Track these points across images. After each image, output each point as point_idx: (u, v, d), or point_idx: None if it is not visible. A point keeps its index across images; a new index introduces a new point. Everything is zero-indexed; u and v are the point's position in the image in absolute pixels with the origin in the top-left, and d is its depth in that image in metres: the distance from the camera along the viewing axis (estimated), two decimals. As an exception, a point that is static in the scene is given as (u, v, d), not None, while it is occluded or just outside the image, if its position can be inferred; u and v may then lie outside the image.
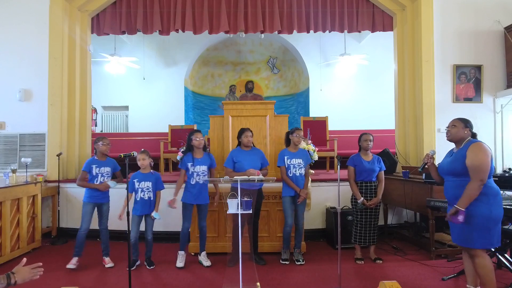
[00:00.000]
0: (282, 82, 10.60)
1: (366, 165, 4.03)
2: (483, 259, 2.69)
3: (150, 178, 4.01)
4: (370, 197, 4.04)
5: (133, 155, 3.41)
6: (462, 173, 2.70)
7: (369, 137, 4.08)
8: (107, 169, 4.03)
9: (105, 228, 4.08)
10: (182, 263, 3.97)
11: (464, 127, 2.83)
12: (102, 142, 4.01)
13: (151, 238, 4.04)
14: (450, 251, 4.16)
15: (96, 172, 3.98)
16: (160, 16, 5.61)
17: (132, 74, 9.07)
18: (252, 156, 4.04)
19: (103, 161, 4.04)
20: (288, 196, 4.04)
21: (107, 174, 4.03)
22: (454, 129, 2.86)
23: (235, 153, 4.07)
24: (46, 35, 5.38)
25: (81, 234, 3.93)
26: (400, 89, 5.78)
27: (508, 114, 5.64)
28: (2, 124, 5.45)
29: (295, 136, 4.09)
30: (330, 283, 3.45)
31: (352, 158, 4.11)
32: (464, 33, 5.54)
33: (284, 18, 5.66)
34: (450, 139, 2.91)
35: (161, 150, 6.60)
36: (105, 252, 4.08)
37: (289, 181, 4.02)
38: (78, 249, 3.95)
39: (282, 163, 4.07)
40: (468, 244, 2.71)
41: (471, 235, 2.67)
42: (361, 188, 4.06)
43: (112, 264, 4.03)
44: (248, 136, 4.04)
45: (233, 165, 4.01)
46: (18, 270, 1.84)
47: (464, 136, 2.82)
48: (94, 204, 3.99)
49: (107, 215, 4.10)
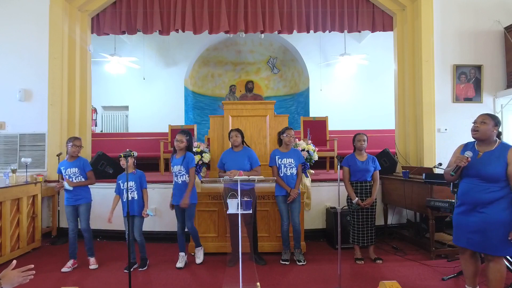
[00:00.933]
0: (282, 82, 10.60)
1: (360, 165, 4.05)
2: (500, 265, 2.64)
3: (133, 177, 3.93)
4: (365, 197, 4.05)
5: (133, 154, 3.40)
6: (497, 179, 2.58)
7: (363, 137, 4.10)
8: (73, 170, 3.96)
9: (85, 230, 3.97)
10: (182, 264, 3.97)
11: (494, 125, 2.66)
12: (72, 144, 3.95)
13: (140, 239, 3.93)
14: (450, 251, 4.16)
15: (65, 173, 3.96)
16: (160, 16, 5.61)
17: (132, 74, 9.07)
18: (240, 157, 4.04)
19: (70, 162, 3.99)
20: (280, 195, 4.08)
21: (74, 175, 3.95)
22: (484, 126, 2.66)
23: (224, 154, 4.15)
24: (46, 35, 5.38)
25: (69, 236, 3.95)
26: (400, 89, 5.78)
27: (508, 114, 5.64)
28: (2, 124, 5.45)
29: (286, 136, 4.11)
30: (330, 283, 3.45)
31: (346, 159, 4.13)
32: (464, 33, 5.54)
33: (284, 18, 5.65)
34: (478, 137, 2.70)
35: (161, 150, 6.60)
36: (89, 253, 4.02)
37: (280, 180, 4.05)
38: (70, 250, 3.95)
39: (273, 163, 4.11)
40: (493, 251, 2.60)
41: (499, 242, 2.56)
42: (356, 188, 4.08)
43: (96, 265, 3.98)
44: (233, 136, 4.06)
45: (223, 166, 4.06)
46: (5, 274, 1.74)
47: (492, 135, 2.66)
48: (72, 206, 3.95)
49: (86, 216, 3.99)
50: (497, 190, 2.59)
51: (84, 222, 3.98)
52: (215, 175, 4.52)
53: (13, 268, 1.77)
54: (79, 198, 3.97)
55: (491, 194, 2.59)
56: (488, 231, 2.59)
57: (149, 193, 4.17)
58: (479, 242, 2.64)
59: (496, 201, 2.59)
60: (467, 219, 2.70)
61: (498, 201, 2.59)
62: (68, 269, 3.86)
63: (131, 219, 3.83)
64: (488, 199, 2.59)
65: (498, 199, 2.59)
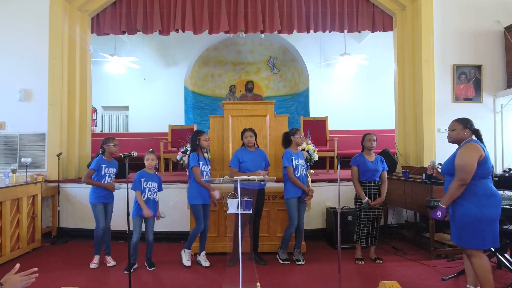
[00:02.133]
0: (282, 82, 10.60)
1: (369, 165, 4.02)
2: (479, 259, 2.69)
3: (156, 179, 4.01)
4: (374, 197, 4.04)
5: (133, 155, 3.40)
6: (451, 173, 2.77)
7: (373, 137, 4.08)
8: (113, 170, 4.09)
9: (108, 228, 4.09)
10: (190, 262, 4.00)
11: (463, 128, 2.83)
12: (113, 144, 4.05)
13: (152, 238, 4.02)
14: (450, 251, 4.16)
15: (105, 172, 4.00)
16: (160, 16, 5.61)
17: (132, 74, 9.08)
18: (256, 156, 4.07)
19: (110, 161, 4.08)
20: (295, 197, 4.01)
21: (113, 175, 4.08)
22: (453, 132, 2.89)
23: (240, 153, 4.07)
24: (46, 35, 5.38)
25: (99, 233, 3.99)
26: (400, 89, 5.78)
27: (508, 114, 5.64)
28: (2, 124, 5.45)
29: (298, 137, 4.08)
30: (330, 283, 3.45)
31: (355, 158, 4.10)
32: (464, 33, 5.54)
33: (284, 18, 5.66)
34: (451, 142, 2.94)
35: (161, 150, 6.60)
36: (107, 251, 4.10)
37: (299, 181, 3.99)
38: (97, 247, 4.02)
39: (290, 164, 3.99)
40: (462, 243, 2.76)
41: (464, 235, 2.71)
42: (365, 188, 4.05)
43: (114, 263, 4.05)
44: (247, 136, 4.05)
45: (239, 165, 4.01)
46: (8, 279, 1.71)
47: (464, 137, 2.83)
48: (103, 204, 4.00)
49: (111, 214, 4.12)
50: None
51: (110, 220, 4.10)
52: (215, 175, 4.51)
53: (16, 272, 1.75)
54: (111, 196, 4.09)
55: None
56: (457, 224, 2.75)
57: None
58: (455, 236, 2.80)
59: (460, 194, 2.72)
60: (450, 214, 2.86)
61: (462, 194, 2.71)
62: (96, 265, 3.96)
63: (148, 220, 3.95)
64: None
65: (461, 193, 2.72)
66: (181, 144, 6.11)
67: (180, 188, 5.04)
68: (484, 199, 2.65)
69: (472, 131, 2.84)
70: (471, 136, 2.83)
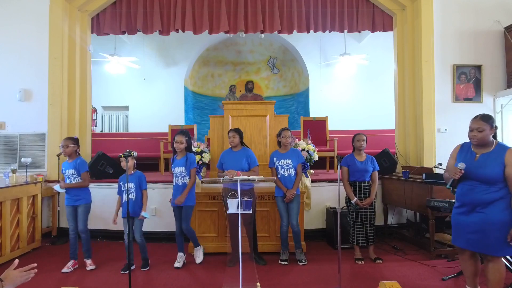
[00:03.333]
0: (282, 82, 10.60)
1: (359, 165, 4.06)
2: (499, 266, 2.64)
3: (131, 178, 3.91)
4: (364, 197, 4.05)
5: (133, 154, 3.40)
6: (496, 181, 2.57)
7: (362, 137, 4.11)
8: (71, 171, 3.95)
9: (82, 231, 3.93)
10: (179, 264, 3.98)
11: (490, 128, 2.64)
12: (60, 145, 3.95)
13: (140, 240, 3.91)
14: (450, 251, 4.15)
15: (65, 174, 3.98)
16: (160, 16, 5.61)
17: (132, 74, 9.07)
18: (238, 157, 4.02)
19: (69, 162, 3.98)
20: (279, 196, 4.10)
21: (72, 176, 3.94)
22: (482, 133, 2.63)
23: (223, 154, 4.16)
24: (46, 35, 5.37)
25: (70, 236, 3.94)
26: (400, 89, 5.78)
27: (508, 114, 5.64)
28: (2, 124, 5.45)
29: (282, 137, 4.13)
30: (330, 283, 3.45)
31: (345, 159, 4.14)
32: (464, 33, 5.54)
33: (284, 18, 5.65)
34: (478, 144, 2.68)
35: (161, 150, 6.60)
36: (86, 254, 3.99)
37: (278, 181, 4.07)
38: (71, 250, 3.95)
39: (272, 165, 4.17)
40: (492, 251, 2.60)
41: (498, 242, 2.56)
42: (355, 188, 4.08)
43: (93, 266, 3.96)
44: (230, 137, 4.07)
45: (222, 166, 4.07)
46: (7, 275, 1.71)
47: (490, 138, 2.65)
48: (71, 207, 3.94)
49: (83, 217, 3.94)
50: (496, 191, 2.59)
51: (81, 223, 3.92)
52: (215, 175, 4.52)
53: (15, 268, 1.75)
54: (78, 198, 3.93)
55: (490, 195, 2.60)
56: (487, 232, 2.59)
57: (149, 193, 4.17)
58: (478, 243, 2.64)
59: (495, 201, 2.59)
60: (467, 219, 2.70)
61: (497, 202, 2.59)
62: (68, 269, 3.86)
63: (131, 220, 3.82)
64: (487, 200, 2.60)
65: (497, 200, 2.59)
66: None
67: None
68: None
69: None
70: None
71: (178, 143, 3.94)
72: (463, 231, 2.73)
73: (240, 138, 4.08)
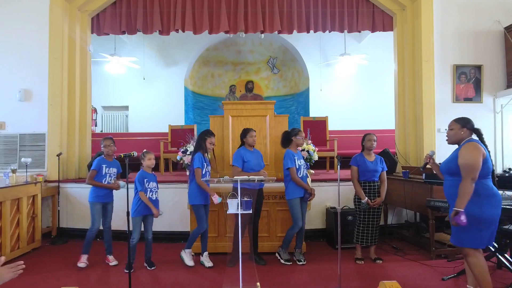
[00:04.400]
0: (282, 82, 10.60)
1: (369, 165, 4.03)
2: (476, 259, 2.68)
3: (154, 178, 4.03)
4: (373, 197, 4.04)
5: (133, 155, 3.40)
6: (457, 173, 2.70)
7: (373, 137, 4.08)
8: (114, 170, 4.09)
9: (109, 227, 4.10)
10: (192, 261, 4.00)
11: (460, 127, 2.82)
12: (103, 145, 4.04)
13: (151, 237, 4.02)
14: (450, 251, 4.16)
15: (106, 172, 4.01)
16: (160, 16, 5.61)
17: (132, 74, 9.07)
18: (258, 156, 4.12)
19: (110, 161, 4.09)
20: (298, 197, 4.02)
21: (114, 175, 4.08)
22: (451, 132, 2.88)
23: (243, 152, 4.04)
24: (46, 35, 5.37)
25: (92, 233, 3.98)
26: (400, 89, 5.78)
27: (508, 114, 5.64)
28: (2, 124, 5.45)
29: (300, 138, 4.10)
30: (330, 283, 3.45)
31: (355, 158, 4.11)
32: (464, 33, 5.54)
33: (284, 18, 5.66)
34: (450, 142, 2.93)
35: (161, 150, 6.60)
36: (109, 250, 4.11)
37: (302, 182, 4.01)
38: (87, 247, 4.00)
39: (292, 164, 4.00)
40: (459, 243, 2.73)
41: (462, 234, 2.68)
42: (364, 188, 4.06)
43: (116, 262, 4.06)
44: (253, 136, 4.08)
45: (243, 164, 3.99)
46: None
47: (463, 136, 2.81)
48: (101, 204, 4.01)
49: (111, 214, 4.12)
50: (457, 184, 2.67)
51: (110, 219, 4.11)
52: (215, 175, 4.51)
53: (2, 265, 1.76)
54: (111, 195, 4.10)
55: (453, 188, 2.72)
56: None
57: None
58: (453, 236, 2.77)
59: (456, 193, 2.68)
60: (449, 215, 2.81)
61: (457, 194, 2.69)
62: (85, 264, 3.94)
63: (147, 219, 3.96)
64: (452, 192, 2.72)
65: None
66: (181, 144, 6.11)
67: (180, 188, 5.04)
68: (486, 199, 2.63)
69: (472, 130, 2.82)
70: (470, 135, 2.81)
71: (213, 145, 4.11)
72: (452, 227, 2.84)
73: None
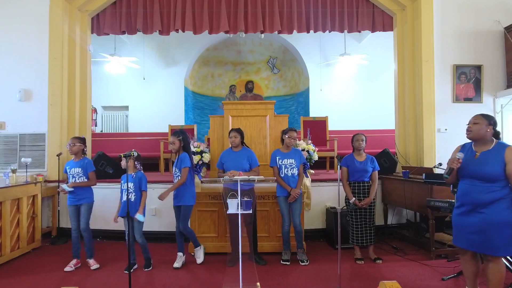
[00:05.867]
0: (282, 82, 10.60)
1: (358, 166, 4.06)
2: (500, 266, 2.64)
3: (131, 179, 3.89)
4: (363, 197, 4.06)
5: (133, 154, 3.40)
6: (496, 179, 2.57)
7: (361, 137, 4.11)
8: (77, 170, 3.97)
9: (85, 230, 3.95)
10: (179, 264, 3.96)
11: (487, 124, 2.66)
12: (68, 143, 3.99)
13: (141, 241, 3.90)
14: (450, 251, 4.15)
15: (70, 173, 3.99)
16: (160, 16, 5.61)
17: (132, 74, 9.07)
18: (239, 157, 4.03)
19: (75, 162, 4.01)
20: (282, 196, 4.07)
21: (77, 175, 3.96)
22: (476, 126, 2.69)
23: (223, 154, 4.14)
24: (46, 35, 5.37)
25: (72, 235, 3.96)
26: (400, 89, 5.78)
27: (508, 114, 5.64)
28: (2, 124, 5.45)
29: (287, 138, 4.11)
30: (330, 283, 3.45)
31: (345, 159, 4.15)
32: (464, 33, 5.54)
33: (284, 18, 5.65)
34: (471, 137, 2.74)
35: (161, 150, 6.60)
36: (89, 254, 4.01)
37: (281, 181, 4.05)
38: (73, 249, 3.96)
39: (274, 164, 4.12)
40: (493, 252, 2.59)
41: (498, 242, 2.56)
42: (354, 188, 4.08)
43: (97, 265, 3.97)
44: (232, 136, 4.06)
45: (222, 165, 4.05)
46: None
47: (487, 134, 2.67)
48: (74, 206, 3.96)
49: (86, 216, 3.96)
50: (497, 190, 2.59)
51: (84, 222, 3.95)
52: (215, 175, 4.51)
53: None
54: (81, 198, 3.96)
55: (491, 194, 2.59)
56: (488, 232, 2.58)
57: (150, 193, 4.16)
58: (479, 243, 2.63)
59: (496, 201, 2.58)
60: (467, 219, 2.69)
61: (498, 201, 2.58)
62: (71, 268, 3.87)
63: (131, 221, 3.81)
64: (488, 199, 2.59)
65: (498, 199, 2.58)
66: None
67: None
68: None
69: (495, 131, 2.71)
70: (491, 135, 2.69)
71: (171, 145, 3.97)
72: (464, 232, 2.72)
73: (241, 138, 4.09)
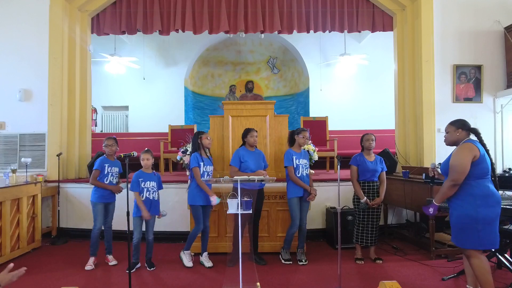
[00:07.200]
0: (282, 82, 10.60)
1: (369, 165, 4.03)
2: (477, 260, 2.68)
3: (154, 178, 4.00)
4: (372, 197, 4.04)
5: (133, 155, 3.40)
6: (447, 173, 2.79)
7: (371, 136, 4.08)
8: (116, 169, 4.10)
9: (109, 227, 4.12)
10: (191, 263, 3.99)
11: (455, 129, 2.85)
12: (106, 144, 4.06)
13: (152, 238, 4.01)
14: (450, 251, 4.16)
15: (108, 171, 4.02)
16: (160, 16, 5.61)
17: (132, 74, 9.07)
18: (258, 156, 4.10)
19: (112, 161, 4.10)
20: (295, 197, 4.02)
21: (116, 174, 4.09)
22: (447, 135, 2.92)
23: (242, 152, 4.05)
24: (46, 35, 5.37)
25: (96, 233, 3.99)
26: (400, 89, 5.78)
27: (508, 114, 5.64)
28: (2, 124, 5.45)
29: (301, 137, 4.08)
30: (330, 283, 3.45)
31: (355, 158, 4.11)
32: (464, 33, 5.54)
33: (284, 18, 5.66)
34: (447, 145, 2.98)
35: (161, 150, 6.60)
36: (108, 250, 4.12)
37: (299, 181, 4.00)
38: (93, 248, 4.00)
39: (290, 163, 4.01)
40: (460, 244, 2.75)
41: (460, 235, 2.71)
42: (364, 188, 4.06)
43: (115, 262, 4.06)
44: (254, 136, 4.06)
45: (240, 164, 3.99)
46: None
47: (459, 138, 2.83)
48: (103, 204, 4.02)
49: (113, 214, 4.14)
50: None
51: (111, 219, 4.12)
52: (215, 175, 4.51)
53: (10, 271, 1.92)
54: (113, 195, 4.11)
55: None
56: (455, 224, 2.75)
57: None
58: (454, 237, 2.80)
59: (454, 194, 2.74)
60: None
61: (456, 194, 2.73)
62: (91, 267, 3.92)
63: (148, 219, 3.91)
64: None
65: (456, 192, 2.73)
66: (181, 144, 6.11)
67: (180, 188, 5.04)
68: (480, 199, 2.63)
69: (468, 131, 2.82)
70: (466, 136, 2.81)
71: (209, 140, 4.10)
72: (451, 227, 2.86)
73: None
